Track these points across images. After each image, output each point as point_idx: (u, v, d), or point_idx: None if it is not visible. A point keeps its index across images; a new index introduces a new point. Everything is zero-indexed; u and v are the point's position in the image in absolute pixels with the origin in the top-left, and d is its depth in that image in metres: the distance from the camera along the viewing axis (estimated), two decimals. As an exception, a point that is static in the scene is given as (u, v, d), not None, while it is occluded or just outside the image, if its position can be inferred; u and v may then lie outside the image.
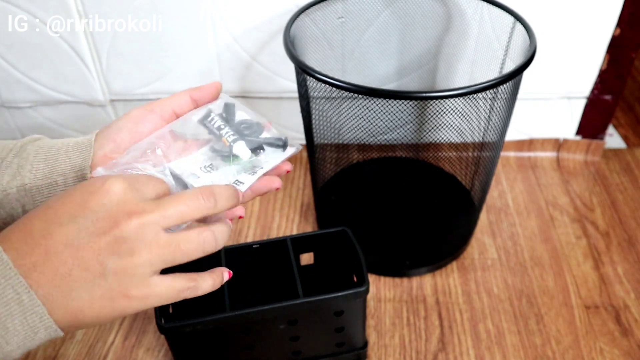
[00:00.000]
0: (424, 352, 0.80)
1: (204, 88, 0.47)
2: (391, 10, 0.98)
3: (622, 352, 0.80)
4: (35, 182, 0.43)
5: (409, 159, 1.11)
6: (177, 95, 0.46)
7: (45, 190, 0.43)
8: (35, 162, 0.43)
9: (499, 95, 0.77)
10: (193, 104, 0.47)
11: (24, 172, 0.43)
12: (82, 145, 0.45)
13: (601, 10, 0.95)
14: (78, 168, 0.43)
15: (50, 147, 0.45)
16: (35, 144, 0.46)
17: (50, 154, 0.44)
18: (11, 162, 0.43)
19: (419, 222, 1.00)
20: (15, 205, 0.43)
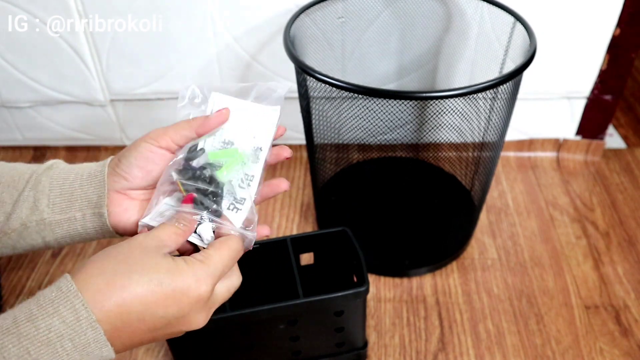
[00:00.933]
0: (424, 352, 0.80)
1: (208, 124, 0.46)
2: (391, 10, 0.98)
3: (622, 352, 0.80)
4: (54, 216, 0.44)
5: (409, 159, 1.11)
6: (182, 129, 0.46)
7: (65, 225, 0.45)
8: (51, 196, 0.44)
9: (499, 95, 0.77)
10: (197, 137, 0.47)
11: (42, 207, 0.44)
12: (96, 179, 0.45)
13: (601, 10, 0.95)
14: (94, 205, 0.45)
15: (64, 180, 0.45)
16: (49, 175, 0.46)
17: (65, 188, 0.45)
18: (28, 195, 0.44)
19: (419, 222, 1.00)
20: (35, 237, 0.45)
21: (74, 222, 0.45)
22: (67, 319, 0.34)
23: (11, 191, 0.44)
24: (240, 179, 0.47)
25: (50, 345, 0.33)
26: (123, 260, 0.37)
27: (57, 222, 0.44)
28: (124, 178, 0.45)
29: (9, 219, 0.44)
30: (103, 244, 0.98)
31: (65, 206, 0.45)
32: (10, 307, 0.87)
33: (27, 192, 0.44)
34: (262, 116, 0.48)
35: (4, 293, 0.90)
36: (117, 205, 0.45)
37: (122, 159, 0.45)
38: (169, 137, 0.45)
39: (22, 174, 0.46)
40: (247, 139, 0.48)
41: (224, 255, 0.41)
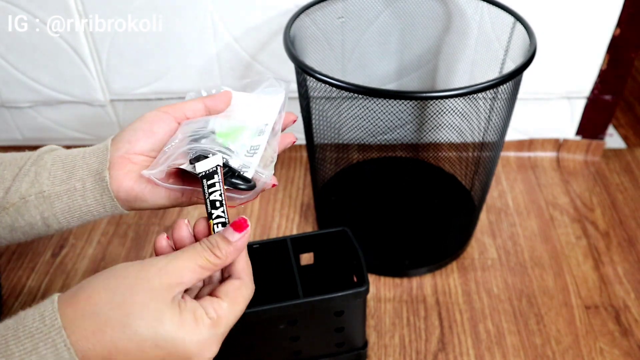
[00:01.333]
0: (424, 352, 0.80)
1: (216, 97, 0.47)
2: (391, 10, 0.98)
3: (622, 352, 0.80)
4: (54, 188, 0.43)
5: (409, 159, 1.11)
6: (191, 102, 0.47)
7: (64, 196, 0.43)
8: (53, 170, 0.44)
9: (499, 95, 0.77)
10: (206, 111, 0.47)
11: (42, 179, 0.43)
12: (99, 150, 0.45)
13: (601, 10, 0.95)
14: (95, 172, 0.43)
15: (67, 155, 0.45)
16: (52, 153, 0.45)
17: (67, 161, 0.44)
18: (29, 170, 0.43)
19: (419, 222, 1.00)
20: (34, 213, 0.43)
21: (74, 193, 0.43)
22: (45, 358, 0.30)
23: (12, 168, 0.44)
24: (246, 150, 0.47)
25: None
26: (121, 305, 0.31)
27: (57, 194, 0.43)
28: (127, 141, 0.44)
29: (7, 192, 0.43)
30: (104, 245, 0.99)
31: (66, 177, 0.43)
32: (10, 307, 0.87)
33: (27, 167, 0.44)
34: (268, 101, 0.50)
35: (4, 293, 0.90)
36: (118, 169, 0.43)
37: (126, 128, 0.46)
38: (177, 107, 0.45)
39: (25, 154, 0.45)
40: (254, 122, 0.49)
41: (237, 311, 0.36)
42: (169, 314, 0.32)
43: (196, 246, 0.35)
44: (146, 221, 1.03)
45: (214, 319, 0.34)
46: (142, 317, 0.31)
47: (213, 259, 0.35)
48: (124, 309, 0.31)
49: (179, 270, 0.34)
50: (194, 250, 0.35)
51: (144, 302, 0.32)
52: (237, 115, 0.49)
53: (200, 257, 0.35)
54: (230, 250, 0.36)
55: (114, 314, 0.31)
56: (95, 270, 0.93)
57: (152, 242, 0.99)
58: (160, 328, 0.31)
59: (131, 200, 0.44)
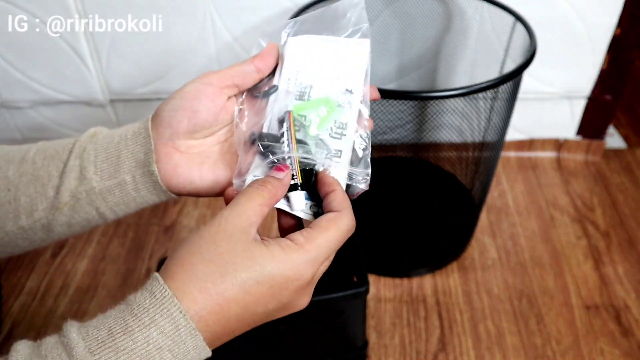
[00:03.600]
0: (424, 352, 0.80)
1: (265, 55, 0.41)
2: (391, 10, 0.98)
3: (623, 352, 0.79)
4: (103, 183, 0.41)
5: (409, 159, 1.11)
6: (239, 65, 0.40)
7: (116, 190, 0.41)
8: (98, 163, 0.41)
9: (499, 95, 0.77)
10: (258, 74, 0.41)
11: (89, 175, 0.41)
12: (140, 135, 0.41)
13: (601, 10, 0.95)
14: (142, 163, 0.41)
15: (108, 143, 0.41)
16: (94, 141, 0.42)
17: (110, 151, 0.41)
18: (73, 165, 0.41)
19: (419, 222, 0.99)
20: (88, 209, 0.42)
21: (125, 186, 0.41)
22: (165, 329, 0.31)
23: (56, 163, 0.41)
24: (330, 128, 0.39)
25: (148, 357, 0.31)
26: (212, 259, 0.33)
27: (108, 188, 0.41)
28: (168, 125, 0.40)
29: (58, 192, 0.41)
30: (103, 245, 0.98)
31: (114, 170, 0.41)
32: (10, 307, 0.87)
33: (72, 161, 0.41)
34: (348, 52, 0.40)
35: (4, 293, 0.90)
36: (166, 162, 0.41)
37: (165, 107, 0.41)
38: (222, 74, 0.40)
39: (65, 145, 0.42)
40: (330, 81, 0.40)
41: (329, 238, 0.36)
42: (256, 251, 0.33)
43: (248, 189, 0.36)
44: (146, 221, 1.02)
45: (303, 244, 0.34)
46: (234, 262, 0.33)
47: (267, 193, 0.36)
48: (216, 262, 0.33)
49: (243, 212, 0.35)
50: (249, 193, 0.36)
51: (231, 252, 0.33)
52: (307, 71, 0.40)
53: (257, 195, 0.36)
54: (278, 185, 0.37)
55: (209, 269, 0.32)
56: (95, 271, 0.94)
57: (152, 242, 0.99)
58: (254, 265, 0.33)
59: (184, 191, 0.43)
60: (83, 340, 0.31)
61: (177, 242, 0.99)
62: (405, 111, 0.76)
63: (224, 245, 0.33)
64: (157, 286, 0.32)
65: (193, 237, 0.34)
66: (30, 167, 0.41)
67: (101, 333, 0.31)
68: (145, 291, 0.33)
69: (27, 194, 0.41)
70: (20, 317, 0.87)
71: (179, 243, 0.41)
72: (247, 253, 0.33)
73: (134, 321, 0.31)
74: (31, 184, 0.41)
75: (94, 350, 0.30)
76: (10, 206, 0.41)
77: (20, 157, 0.42)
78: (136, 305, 0.32)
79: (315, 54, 0.40)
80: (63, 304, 0.88)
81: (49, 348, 0.31)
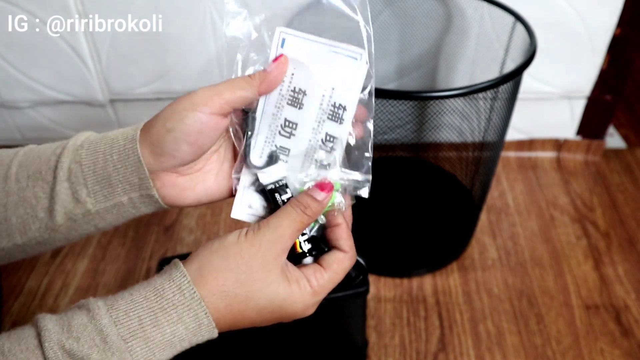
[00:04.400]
0: (424, 352, 0.80)
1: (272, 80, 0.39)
2: (391, 9, 0.98)
3: (623, 353, 0.79)
4: (99, 205, 0.40)
5: (409, 159, 1.11)
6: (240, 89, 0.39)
7: (114, 210, 0.41)
8: (89, 185, 0.39)
9: (499, 95, 0.77)
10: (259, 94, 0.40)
11: (83, 198, 0.39)
12: (128, 158, 0.39)
13: (601, 10, 0.95)
14: (138, 187, 0.40)
15: (94, 164, 0.39)
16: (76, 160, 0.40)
17: (98, 172, 0.39)
18: (63, 188, 0.39)
19: (419, 222, 0.99)
20: (86, 227, 0.41)
21: (123, 206, 0.41)
22: (189, 326, 0.36)
23: (41, 184, 0.40)
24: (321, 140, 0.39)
25: (172, 347, 0.35)
26: (244, 281, 0.37)
27: (105, 209, 0.40)
28: (171, 156, 0.39)
29: (51, 214, 0.40)
30: (103, 245, 0.98)
31: (107, 193, 0.40)
32: (10, 307, 0.87)
33: (60, 184, 0.39)
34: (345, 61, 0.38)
35: (4, 293, 0.90)
36: (169, 187, 0.40)
37: (165, 135, 0.38)
38: (223, 100, 0.38)
39: (46, 163, 0.40)
40: (324, 90, 0.39)
41: (336, 280, 0.40)
42: (281, 288, 0.37)
43: (290, 212, 0.38)
44: (146, 221, 1.02)
45: (315, 288, 0.39)
46: (262, 291, 0.37)
47: (306, 219, 0.38)
48: (247, 286, 0.37)
49: (282, 239, 0.38)
50: (290, 217, 0.38)
51: (261, 279, 0.37)
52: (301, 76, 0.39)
53: (296, 221, 0.38)
54: (318, 209, 0.39)
55: (239, 290, 0.37)
56: (95, 271, 0.93)
57: (152, 242, 0.99)
58: (275, 299, 0.37)
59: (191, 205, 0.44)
60: (115, 326, 0.33)
61: (177, 242, 0.99)
62: (405, 111, 0.76)
63: (258, 273, 0.37)
64: (186, 285, 0.36)
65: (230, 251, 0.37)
66: (14, 186, 0.40)
67: (132, 322, 0.34)
68: (173, 286, 0.36)
69: (17, 215, 0.40)
70: (20, 317, 0.87)
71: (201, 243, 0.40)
72: (273, 287, 0.37)
73: (163, 316, 0.35)
74: (20, 205, 0.40)
75: (126, 339, 0.33)
76: (1, 226, 0.40)
77: (3, 173, 0.40)
78: (165, 299, 0.35)
79: (312, 57, 0.39)
80: (63, 304, 0.88)
81: (80, 329, 0.33)
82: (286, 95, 0.39)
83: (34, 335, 0.33)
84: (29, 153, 0.41)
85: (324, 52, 0.39)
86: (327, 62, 0.39)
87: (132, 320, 0.34)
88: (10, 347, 0.32)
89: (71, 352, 0.32)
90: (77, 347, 0.32)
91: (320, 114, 0.39)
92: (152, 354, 0.34)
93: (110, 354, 0.33)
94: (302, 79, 0.39)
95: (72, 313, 0.34)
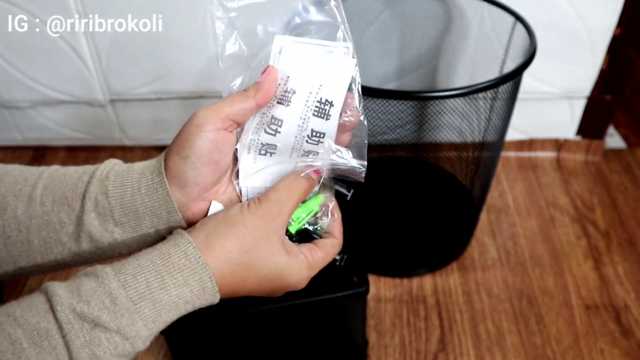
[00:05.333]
0: (424, 352, 0.80)
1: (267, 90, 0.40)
2: (391, 10, 0.98)
3: (623, 353, 0.79)
4: (125, 235, 0.41)
5: (409, 159, 1.11)
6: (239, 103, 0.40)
7: (140, 240, 0.42)
8: (116, 216, 0.40)
9: (499, 95, 0.77)
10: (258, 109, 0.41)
11: (110, 228, 0.41)
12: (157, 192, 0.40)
13: (601, 10, 0.95)
14: (165, 221, 0.41)
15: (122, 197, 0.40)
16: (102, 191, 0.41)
17: (125, 205, 0.41)
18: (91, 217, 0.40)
19: (419, 222, 0.99)
20: (109, 253, 0.42)
21: (148, 237, 0.42)
22: (194, 289, 0.37)
23: (67, 211, 0.40)
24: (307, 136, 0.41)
25: (177, 309, 0.37)
26: (248, 250, 0.39)
27: (131, 239, 0.42)
28: (195, 184, 0.40)
29: (77, 241, 0.41)
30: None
31: (135, 225, 0.41)
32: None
33: (87, 214, 0.40)
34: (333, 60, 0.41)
35: (4, 293, 0.90)
36: (196, 215, 0.42)
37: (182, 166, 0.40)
38: (223, 114, 0.40)
39: (73, 189, 0.41)
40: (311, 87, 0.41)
41: (326, 260, 0.43)
42: (281, 258, 0.40)
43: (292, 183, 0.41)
44: (146, 221, 1.02)
45: (310, 262, 0.42)
46: (264, 259, 0.39)
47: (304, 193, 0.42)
48: (251, 254, 0.39)
49: (282, 212, 0.40)
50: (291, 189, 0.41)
51: (264, 249, 0.39)
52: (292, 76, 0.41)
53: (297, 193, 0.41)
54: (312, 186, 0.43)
55: (244, 258, 0.39)
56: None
57: (152, 242, 0.99)
58: (275, 268, 0.40)
59: None
60: (124, 289, 0.35)
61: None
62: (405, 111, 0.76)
63: (262, 243, 0.39)
64: (191, 250, 0.37)
65: (236, 220, 0.39)
66: (39, 209, 0.40)
67: (140, 285, 0.35)
68: (179, 250, 0.37)
69: (40, 237, 0.41)
70: (20, 317, 0.87)
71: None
72: (274, 258, 0.40)
73: (169, 278, 0.36)
74: (43, 229, 0.41)
75: (135, 300, 0.35)
76: (22, 247, 0.41)
77: (28, 194, 0.41)
78: (170, 263, 0.37)
79: (303, 59, 0.41)
80: (63, 304, 0.88)
81: (89, 293, 0.34)
82: (278, 96, 0.41)
83: (44, 301, 0.34)
84: (54, 175, 0.42)
85: (317, 52, 0.41)
86: (319, 61, 0.41)
87: (139, 283, 0.35)
88: (22, 314, 0.33)
89: (82, 314, 0.33)
90: (88, 309, 0.34)
91: (305, 110, 0.41)
92: (159, 314, 0.36)
93: (120, 315, 0.34)
94: (296, 81, 0.41)
95: (80, 280, 0.35)
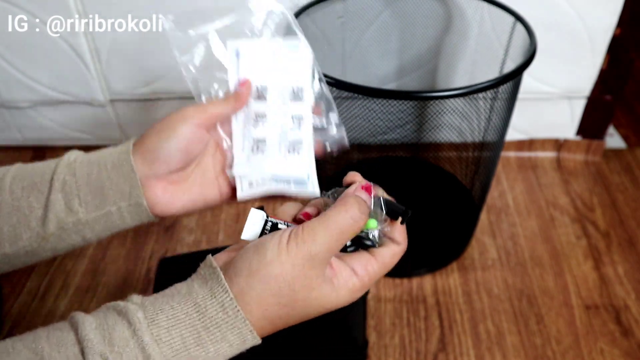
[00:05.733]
0: (424, 352, 0.80)
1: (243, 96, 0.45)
2: (391, 10, 0.98)
3: (623, 352, 0.79)
4: (89, 214, 0.43)
5: (409, 159, 1.11)
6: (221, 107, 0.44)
7: (102, 220, 0.44)
8: (82, 195, 0.43)
9: (499, 95, 0.77)
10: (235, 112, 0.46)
11: (74, 206, 0.42)
12: (122, 168, 0.43)
13: (601, 10, 0.95)
14: (128, 196, 0.43)
15: (88, 175, 0.43)
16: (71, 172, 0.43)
17: (92, 183, 0.43)
18: (56, 197, 0.42)
19: (419, 222, 0.99)
20: (75, 237, 0.44)
21: (110, 216, 0.44)
22: (234, 343, 0.35)
23: (36, 194, 0.43)
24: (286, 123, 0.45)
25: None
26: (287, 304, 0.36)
27: (94, 219, 0.43)
28: (164, 162, 0.43)
29: (44, 223, 0.42)
30: (104, 245, 0.98)
31: (99, 202, 0.43)
32: (10, 307, 0.87)
33: (54, 194, 0.42)
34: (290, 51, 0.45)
35: (4, 293, 0.90)
36: (160, 195, 0.44)
37: (159, 143, 0.43)
38: (208, 114, 0.43)
39: (42, 175, 0.43)
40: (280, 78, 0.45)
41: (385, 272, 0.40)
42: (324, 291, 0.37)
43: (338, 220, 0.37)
44: (146, 221, 1.02)
45: (363, 280, 0.38)
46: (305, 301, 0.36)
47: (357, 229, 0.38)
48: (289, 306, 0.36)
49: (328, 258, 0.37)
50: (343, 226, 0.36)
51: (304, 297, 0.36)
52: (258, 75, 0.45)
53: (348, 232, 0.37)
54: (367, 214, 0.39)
55: (282, 312, 0.36)
56: (95, 271, 0.93)
57: (152, 242, 0.99)
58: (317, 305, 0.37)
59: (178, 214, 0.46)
60: (157, 345, 0.33)
61: (177, 242, 0.99)
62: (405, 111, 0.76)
63: (301, 292, 0.36)
64: (228, 302, 0.35)
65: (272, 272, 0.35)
66: (8, 196, 0.42)
67: (175, 341, 0.34)
68: (215, 303, 0.35)
69: (10, 224, 0.42)
70: (20, 317, 0.87)
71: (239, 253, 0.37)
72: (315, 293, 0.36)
73: (206, 335, 0.34)
74: (13, 214, 0.42)
75: (169, 357, 0.33)
76: None
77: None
78: (207, 318, 0.34)
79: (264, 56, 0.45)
80: (63, 304, 0.89)
81: (122, 344, 0.33)
82: (253, 95, 0.46)
83: (73, 342, 0.33)
84: (23, 167, 0.44)
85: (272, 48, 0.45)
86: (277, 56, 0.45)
87: (174, 339, 0.34)
88: (50, 353, 0.32)
89: None
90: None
91: (282, 100, 0.45)
92: None
93: None
94: (264, 78, 0.45)
95: (113, 322, 0.34)
